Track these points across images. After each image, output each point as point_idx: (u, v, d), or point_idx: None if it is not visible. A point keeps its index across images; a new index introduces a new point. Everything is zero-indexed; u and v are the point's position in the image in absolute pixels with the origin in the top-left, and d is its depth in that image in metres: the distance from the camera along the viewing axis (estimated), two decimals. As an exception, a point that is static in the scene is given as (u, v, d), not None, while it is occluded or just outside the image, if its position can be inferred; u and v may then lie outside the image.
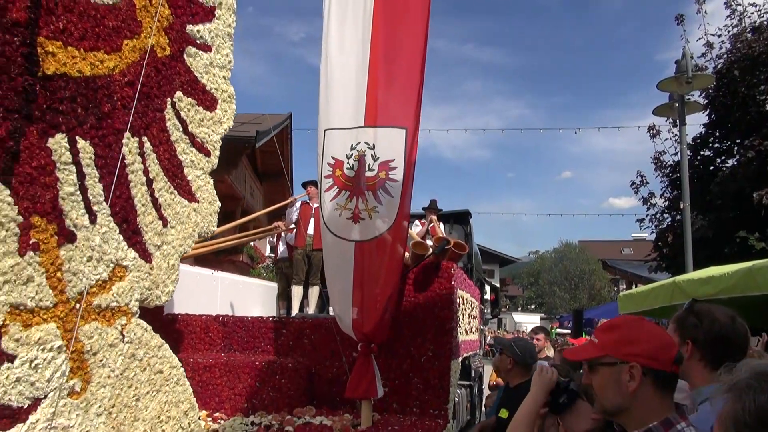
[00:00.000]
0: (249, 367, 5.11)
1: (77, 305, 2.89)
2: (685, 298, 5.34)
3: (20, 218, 2.55)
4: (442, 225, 9.08)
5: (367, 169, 4.80)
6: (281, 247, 8.82)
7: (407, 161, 4.71)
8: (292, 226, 8.47)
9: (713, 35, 13.10)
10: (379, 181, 4.73)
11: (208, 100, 4.04)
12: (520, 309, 48.28)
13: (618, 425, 1.63)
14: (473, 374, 10.03)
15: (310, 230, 8.06)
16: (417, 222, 8.90)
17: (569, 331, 10.27)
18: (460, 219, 11.41)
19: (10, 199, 2.50)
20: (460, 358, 6.25)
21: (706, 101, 12.55)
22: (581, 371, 3.33)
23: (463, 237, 11.60)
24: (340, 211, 4.82)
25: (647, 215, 14.27)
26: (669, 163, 13.71)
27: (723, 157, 13.06)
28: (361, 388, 4.48)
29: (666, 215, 14.06)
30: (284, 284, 8.67)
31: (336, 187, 4.92)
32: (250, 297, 9.24)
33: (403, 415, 5.11)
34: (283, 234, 8.74)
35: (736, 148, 12.43)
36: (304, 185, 8.39)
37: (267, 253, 15.56)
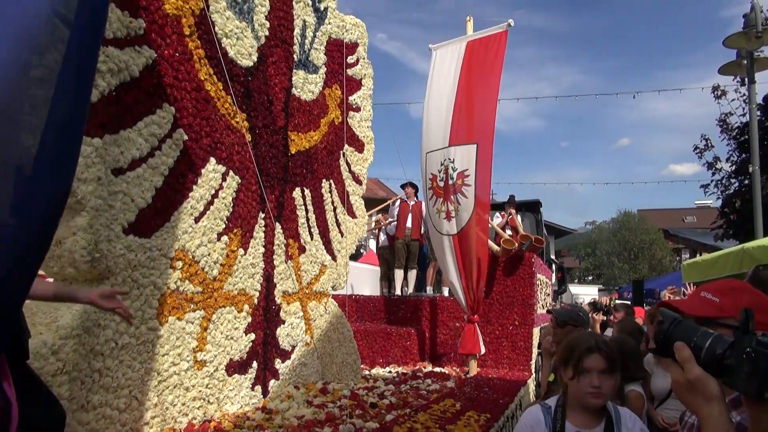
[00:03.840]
0: (382, 333, 6.91)
1: (306, 290, 4.71)
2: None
3: (285, 241, 4.36)
4: (519, 217, 10.55)
5: (449, 178, 6.40)
6: (382, 237, 10.56)
7: (478, 168, 6.22)
8: (391, 219, 10.19)
9: None
10: (458, 187, 6.32)
11: (360, 145, 5.76)
12: (576, 281, 46.37)
13: None
14: None
15: (408, 223, 9.75)
16: (498, 214, 10.41)
17: (629, 303, 10.55)
18: (531, 208, 12.82)
19: (281, 230, 4.31)
20: (539, 328, 7.80)
21: None
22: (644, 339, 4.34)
23: (534, 223, 13.04)
24: (439, 213, 6.48)
25: (712, 181, 13.69)
26: (736, 125, 12.87)
27: None
28: (469, 347, 6.16)
29: (733, 180, 13.32)
30: (386, 268, 10.42)
31: (435, 195, 6.57)
32: (361, 278, 11.07)
33: (497, 369, 6.77)
34: (383, 226, 10.49)
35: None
36: (403, 186, 10.07)
37: None
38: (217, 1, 3.60)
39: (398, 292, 9.56)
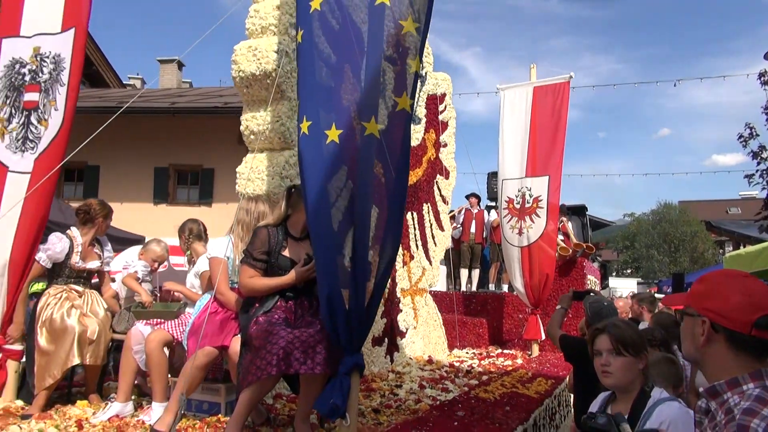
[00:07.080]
0: (458, 322, 8.48)
1: (414, 287, 6.32)
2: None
3: (402, 252, 5.97)
4: (570, 223, 11.93)
5: (526, 203, 7.91)
6: (447, 240, 12.16)
7: (550, 194, 7.73)
8: (456, 225, 11.74)
9: None
10: (532, 209, 7.84)
11: (447, 173, 7.32)
12: (614, 274, 44.08)
13: None
14: None
15: (472, 229, 11.28)
16: (550, 221, 11.82)
17: (650, 295, 10.50)
18: (577, 212, 14.15)
19: (399, 244, 5.91)
20: (588, 320, 9.22)
21: None
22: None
23: (580, 226, 14.34)
24: (513, 229, 8.00)
25: (757, 170, 13.56)
26: None
27: None
28: (532, 333, 7.68)
29: None
30: (450, 267, 12.01)
31: (509, 214, 8.10)
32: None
33: (554, 352, 8.24)
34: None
35: None
36: (467, 197, 11.63)
37: None
38: (366, 88, 5.21)
39: (463, 288, 11.09)
